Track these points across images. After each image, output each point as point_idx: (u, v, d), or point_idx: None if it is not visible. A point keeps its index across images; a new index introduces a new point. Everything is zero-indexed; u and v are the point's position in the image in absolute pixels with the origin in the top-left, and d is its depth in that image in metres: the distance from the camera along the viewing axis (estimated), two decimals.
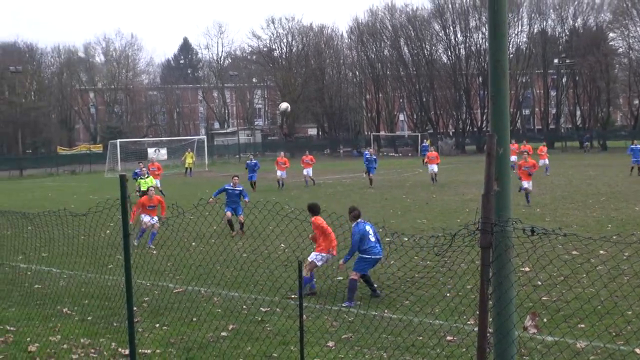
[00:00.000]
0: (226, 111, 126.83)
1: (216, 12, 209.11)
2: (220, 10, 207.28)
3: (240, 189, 24.09)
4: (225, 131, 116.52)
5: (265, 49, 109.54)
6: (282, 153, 46.65)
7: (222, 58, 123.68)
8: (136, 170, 34.17)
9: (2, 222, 13.06)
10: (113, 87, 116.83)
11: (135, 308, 9.81)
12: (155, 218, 21.36)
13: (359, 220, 13.80)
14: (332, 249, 14.10)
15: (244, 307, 12.77)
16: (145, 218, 21.53)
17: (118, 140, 74.77)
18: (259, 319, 12.01)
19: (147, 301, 13.59)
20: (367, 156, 42.95)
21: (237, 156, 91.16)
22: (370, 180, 41.04)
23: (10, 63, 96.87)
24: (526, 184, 28.92)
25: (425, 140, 69.36)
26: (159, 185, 36.55)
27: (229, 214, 23.15)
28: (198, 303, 13.06)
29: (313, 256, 14.02)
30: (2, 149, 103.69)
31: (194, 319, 11.97)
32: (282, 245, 19.12)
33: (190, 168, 60.62)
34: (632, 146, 43.06)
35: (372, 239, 13.68)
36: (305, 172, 43.44)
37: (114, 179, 55.37)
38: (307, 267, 13.39)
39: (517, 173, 29.32)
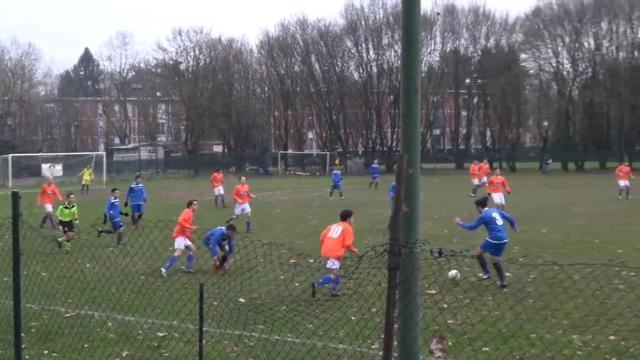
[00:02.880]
0: (127, 126, 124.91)
1: (120, 22, 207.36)
2: (125, 21, 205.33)
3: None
4: (125, 147, 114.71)
5: (171, 62, 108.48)
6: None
7: (125, 70, 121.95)
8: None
9: None
10: (7, 98, 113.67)
11: (22, 334, 9.51)
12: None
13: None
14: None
15: (140, 331, 12.53)
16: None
17: (10, 155, 72.71)
18: (156, 344, 11.81)
19: (36, 326, 13.20)
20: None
21: (138, 173, 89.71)
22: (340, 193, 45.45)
23: None
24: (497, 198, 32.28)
25: (375, 161, 65.99)
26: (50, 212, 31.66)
27: None
28: (91, 328, 12.76)
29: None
30: None
31: (86, 345, 11.70)
32: (182, 267, 18.92)
33: (87, 185, 59.50)
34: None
35: (499, 223, 17.20)
36: (216, 191, 42.28)
37: (4, 196, 53.74)
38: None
39: (487, 189, 33.62)
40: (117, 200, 26.87)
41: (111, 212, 26.32)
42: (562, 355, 10.27)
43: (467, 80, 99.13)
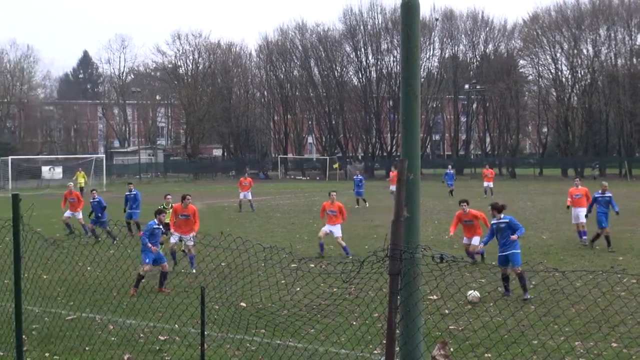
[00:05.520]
0: (127, 129, 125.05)
1: (119, 25, 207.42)
2: (124, 24, 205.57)
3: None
4: (125, 150, 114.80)
5: (170, 66, 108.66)
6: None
7: (124, 73, 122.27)
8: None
9: None
10: (6, 100, 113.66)
11: (23, 336, 9.52)
12: (190, 236, 19.86)
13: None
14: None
15: (141, 335, 12.54)
16: (174, 239, 20.34)
17: (9, 157, 72.69)
18: (157, 348, 11.81)
19: (37, 329, 13.21)
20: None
21: (138, 176, 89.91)
22: (361, 201, 43.32)
23: None
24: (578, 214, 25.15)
25: (449, 166, 58.89)
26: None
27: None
28: (92, 331, 12.74)
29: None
30: None
31: (87, 348, 11.69)
32: (183, 270, 18.94)
33: (82, 188, 59.62)
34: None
35: None
36: (242, 195, 41.90)
37: (4, 199, 53.77)
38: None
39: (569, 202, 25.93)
40: (96, 200, 28.01)
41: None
42: None
43: (466, 86, 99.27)
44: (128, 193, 30.77)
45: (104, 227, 26.78)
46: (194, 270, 19.29)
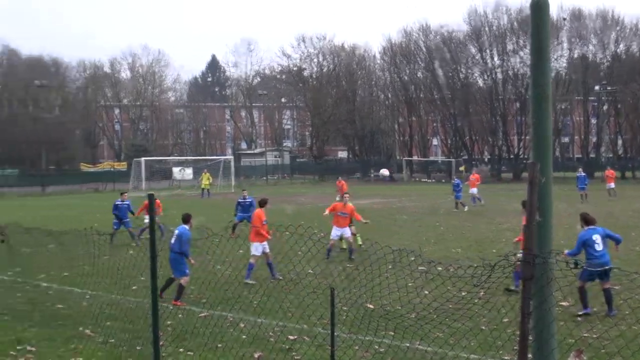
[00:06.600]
0: (254, 131, 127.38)
1: (245, 30, 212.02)
2: (250, 28, 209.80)
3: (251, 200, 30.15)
4: (252, 152, 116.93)
5: (295, 69, 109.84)
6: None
7: (250, 77, 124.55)
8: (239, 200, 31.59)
9: (25, 239, 13.09)
10: (139, 103, 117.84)
11: (159, 332, 9.86)
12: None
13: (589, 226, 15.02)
14: None
15: (271, 334, 12.76)
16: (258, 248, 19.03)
17: (143, 159, 75.27)
18: (287, 347, 12.00)
19: (172, 325, 13.63)
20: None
21: (265, 178, 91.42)
22: (460, 205, 42.37)
23: (35, 78, 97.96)
24: None
25: (580, 169, 56.79)
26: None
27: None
28: (224, 329, 13.05)
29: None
30: (25, 165, 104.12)
31: (219, 345, 11.98)
32: (311, 271, 19.14)
33: (208, 189, 61.01)
34: None
35: (598, 248, 14.56)
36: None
37: (138, 198, 55.58)
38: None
39: None
40: (125, 202, 29.18)
41: (114, 212, 29.14)
42: None
43: (597, 87, 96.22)
44: (242, 200, 31.15)
45: (128, 226, 28.64)
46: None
